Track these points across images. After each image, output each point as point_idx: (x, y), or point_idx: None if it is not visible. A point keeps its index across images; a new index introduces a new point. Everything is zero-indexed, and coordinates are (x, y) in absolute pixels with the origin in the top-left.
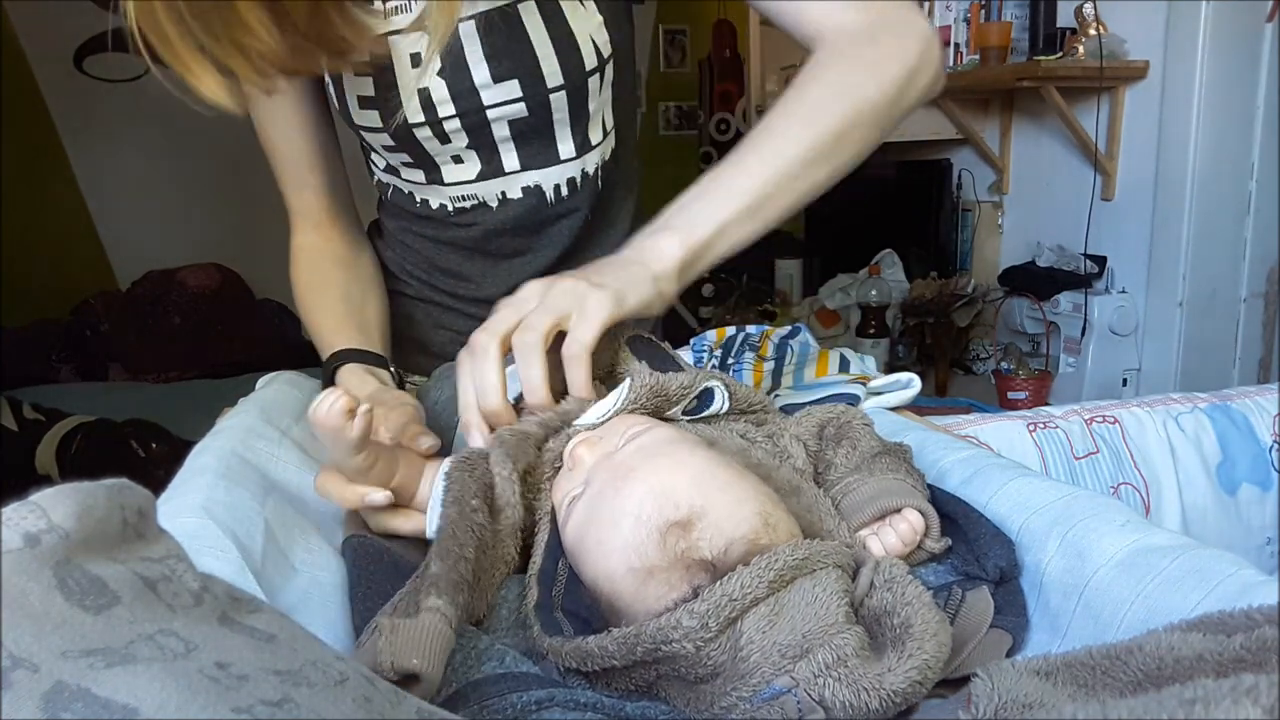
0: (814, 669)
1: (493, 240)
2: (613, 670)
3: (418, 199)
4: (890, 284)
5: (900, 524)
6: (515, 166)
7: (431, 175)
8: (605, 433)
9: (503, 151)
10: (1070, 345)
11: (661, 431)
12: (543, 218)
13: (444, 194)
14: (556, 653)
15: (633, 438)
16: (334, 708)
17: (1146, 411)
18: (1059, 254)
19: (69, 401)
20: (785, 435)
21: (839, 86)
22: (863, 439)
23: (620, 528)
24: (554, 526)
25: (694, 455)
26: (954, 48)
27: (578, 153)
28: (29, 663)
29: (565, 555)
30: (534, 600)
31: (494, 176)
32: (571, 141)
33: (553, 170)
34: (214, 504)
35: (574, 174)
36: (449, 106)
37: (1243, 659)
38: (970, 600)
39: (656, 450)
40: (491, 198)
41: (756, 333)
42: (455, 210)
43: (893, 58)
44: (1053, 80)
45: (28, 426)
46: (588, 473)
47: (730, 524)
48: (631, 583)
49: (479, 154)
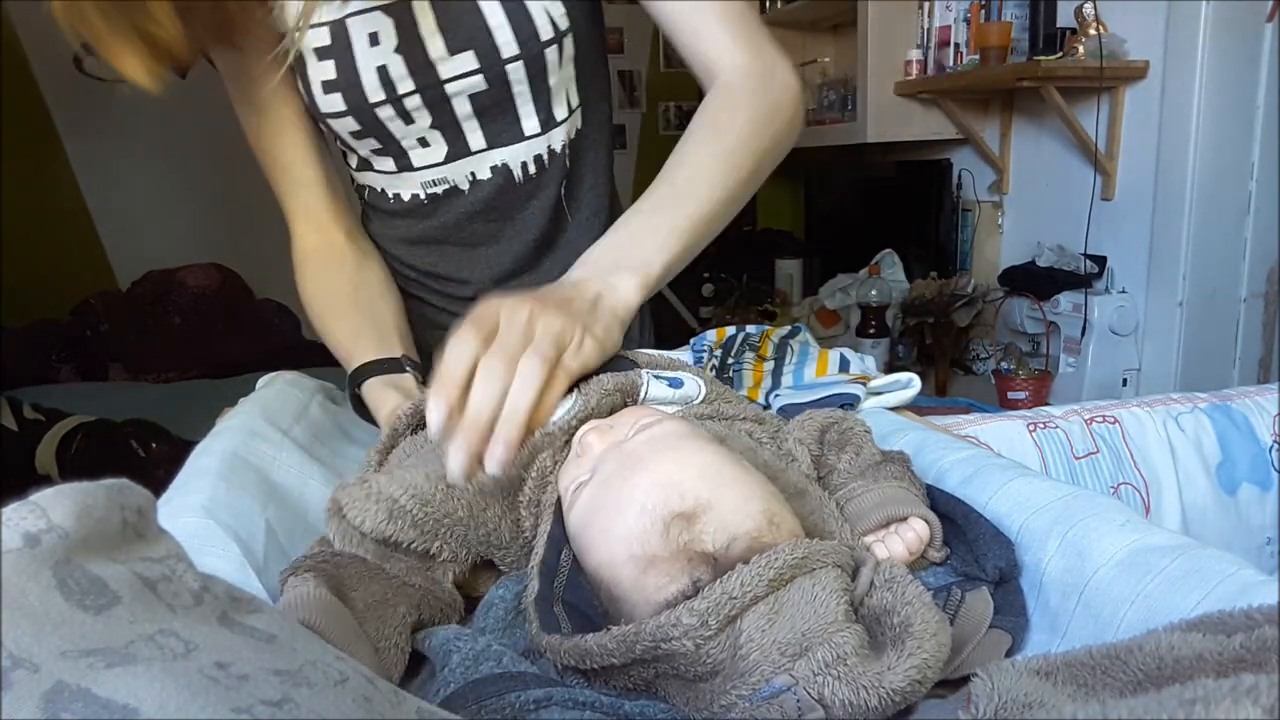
0: (813, 667)
1: (465, 227)
2: (611, 668)
3: (390, 194)
4: (890, 284)
5: (907, 532)
6: (482, 145)
7: (401, 161)
8: (616, 422)
9: (467, 130)
10: (1070, 345)
11: (673, 425)
12: (513, 198)
13: (415, 182)
14: (555, 651)
15: (643, 428)
16: (334, 708)
17: (1146, 411)
18: (1059, 254)
19: (69, 401)
20: (789, 439)
21: (748, 133)
22: (865, 446)
23: (625, 515)
24: (557, 518)
25: (704, 450)
26: (954, 48)
27: (542, 129)
28: (29, 663)
29: (569, 546)
30: (534, 593)
31: (461, 157)
32: (535, 117)
33: (519, 147)
34: (215, 504)
35: (540, 150)
36: (408, 82)
37: (1243, 659)
38: (970, 601)
39: (666, 442)
40: (462, 179)
41: (756, 333)
42: (428, 198)
43: (784, 107)
44: (1053, 80)
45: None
46: (595, 460)
47: (735, 519)
48: (632, 571)
49: (444, 134)
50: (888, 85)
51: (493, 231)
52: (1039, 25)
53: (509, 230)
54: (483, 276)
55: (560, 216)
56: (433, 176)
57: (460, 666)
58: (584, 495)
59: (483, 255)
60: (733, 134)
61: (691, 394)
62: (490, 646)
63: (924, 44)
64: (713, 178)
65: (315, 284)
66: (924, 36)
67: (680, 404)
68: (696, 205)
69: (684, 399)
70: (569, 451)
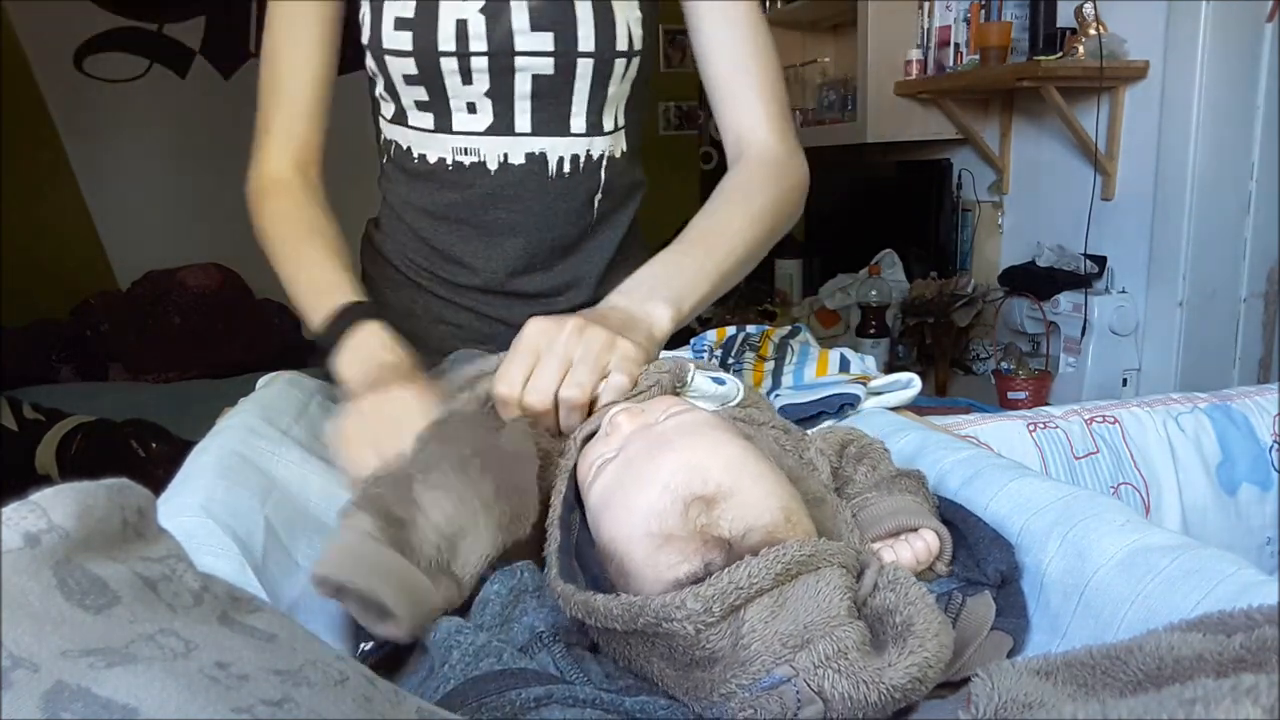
0: (814, 659)
1: (489, 211)
2: (612, 634)
3: (416, 154)
4: (890, 284)
5: (916, 542)
6: (526, 129)
7: (441, 120)
8: (647, 407)
9: (518, 109)
10: (1070, 345)
11: (703, 415)
12: (542, 193)
13: (446, 145)
14: (566, 599)
15: (674, 415)
16: (334, 707)
17: (1146, 411)
18: (1059, 254)
19: (69, 401)
20: (811, 449)
21: (771, 206)
22: (882, 461)
23: (648, 491)
24: (572, 484)
25: (732, 442)
26: (954, 48)
27: (588, 131)
28: (29, 662)
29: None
30: (556, 544)
31: (502, 134)
32: (585, 118)
33: (561, 141)
34: (213, 503)
35: (579, 152)
36: (482, 42)
37: (1243, 659)
38: (971, 605)
39: (697, 430)
40: (493, 158)
41: (756, 332)
42: (454, 165)
43: (798, 189)
44: (1053, 80)
45: (28, 426)
46: (624, 439)
47: (754, 511)
48: (647, 547)
49: (495, 105)
50: (888, 85)
51: (515, 223)
52: (1039, 25)
53: (531, 224)
54: (495, 268)
55: (583, 224)
56: (466, 144)
57: (461, 663)
58: (608, 471)
59: (499, 245)
60: (759, 202)
61: (731, 395)
62: (490, 643)
63: (924, 44)
64: (741, 235)
65: (291, 209)
66: (924, 36)
67: (718, 402)
68: (725, 256)
69: (723, 398)
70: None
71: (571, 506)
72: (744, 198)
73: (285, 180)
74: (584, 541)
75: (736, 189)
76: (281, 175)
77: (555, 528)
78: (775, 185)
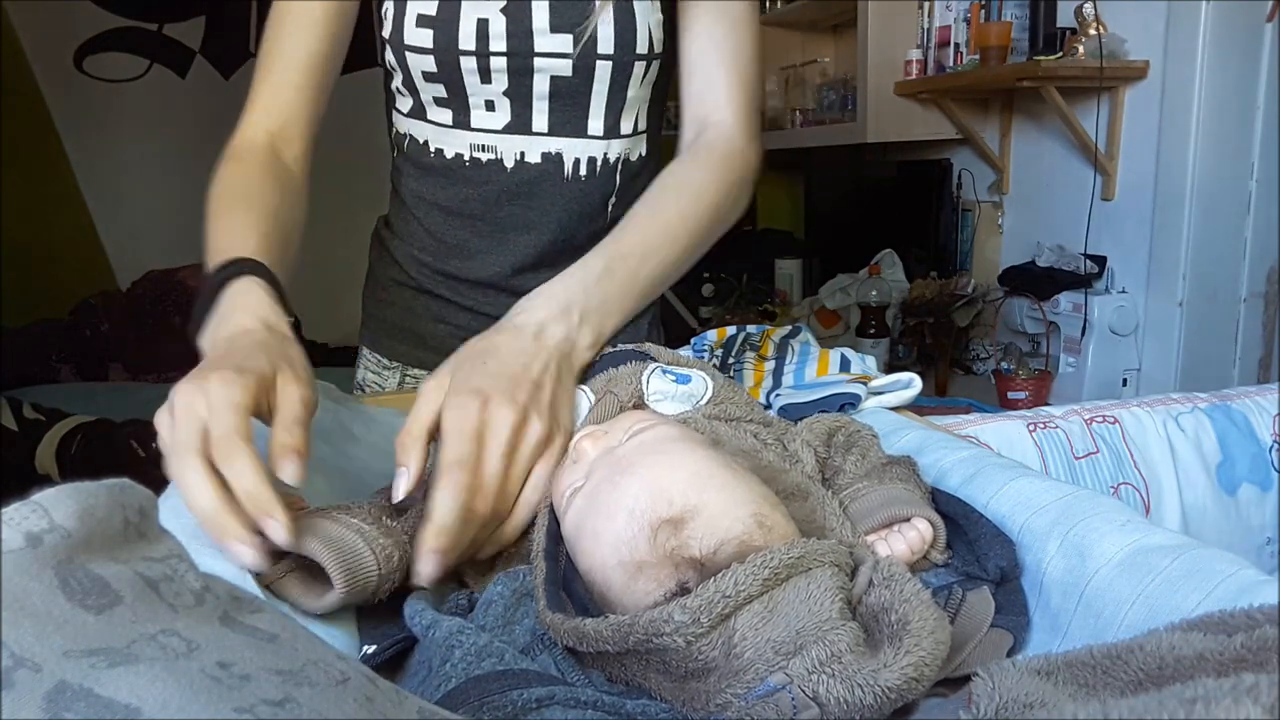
0: (808, 665)
1: (504, 206)
2: (607, 656)
3: (433, 148)
4: (890, 284)
5: (910, 532)
6: (543, 129)
7: (459, 117)
8: (611, 428)
9: (535, 109)
10: (1070, 345)
11: (664, 429)
12: (556, 193)
13: (464, 141)
14: (556, 629)
15: (636, 434)
16: (336, 707)
17: (1146, 411)
18: (1059, 254)
19: (69, 401)
20: (796, 440)
21: (712, 209)
22: (871, 449)
23: (614, 521)
24: (553, 515)
25: (693, 454)
26: (954, 48)
27: (605, 134)
28: (31, 662)
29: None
30: (542, 575)
31: (519, 133)
32: (603, 120)
33: (578, 142)
34: None
35: (595, 154)
36: (502, 42)
37: (1243, 658)
38: (971, 600)
39: (657, 447)
40: (509, 156)
41: (757, 332)
42: (470, 162)
43: (745, 184)
44: (1053, 80)
45: (28, 426)
46: (589, 465)
47: (723, 524)
48: (622, 576)
49: (513, 105)
50: (888, 85)
51: (528, 220)
52: (1039, 25)
53: (544, 223)
54: (502, 263)
55: (596, 226)
56: (483, 142)
57: (463, 662)
58: (578, 501)
59: (510, 241)
60: (704, 201)
61: (698, 392)
62: (492, 643)
63: (924, 44)
64: (666, 245)
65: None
66: (924, 36)
67: (684, 400)
68: (655, 266)
69: (689, 395)
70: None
71: (556, 538)
72: (676, 202)
73: (252, 150)
74: (571, 572)
75: (679, 185)
76: (251, 144)
77: (540, 559)
78: (723, 182)
